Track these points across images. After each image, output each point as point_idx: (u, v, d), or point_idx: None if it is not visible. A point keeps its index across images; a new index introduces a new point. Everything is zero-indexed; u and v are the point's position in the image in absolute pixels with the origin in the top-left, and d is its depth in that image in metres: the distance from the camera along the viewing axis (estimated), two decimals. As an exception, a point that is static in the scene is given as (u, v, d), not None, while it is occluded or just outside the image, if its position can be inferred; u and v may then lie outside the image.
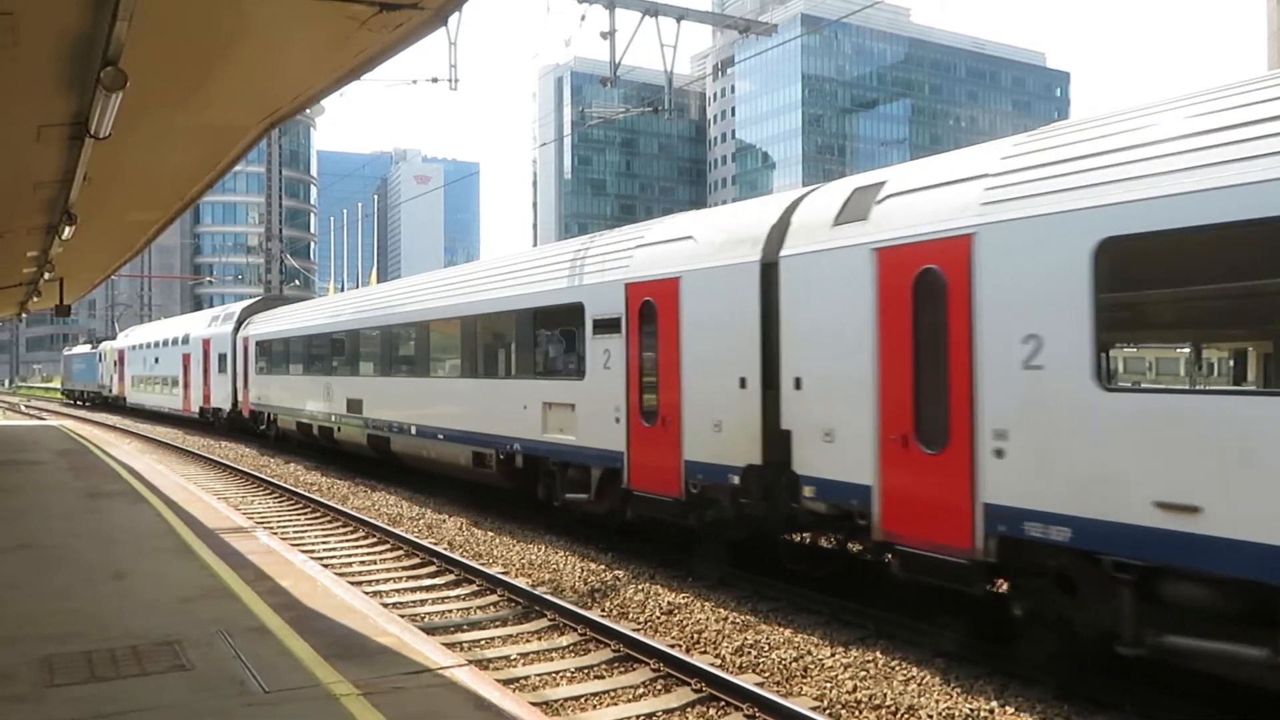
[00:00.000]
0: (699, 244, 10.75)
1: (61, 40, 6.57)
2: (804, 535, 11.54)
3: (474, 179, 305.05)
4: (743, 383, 9.83)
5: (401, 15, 6.40)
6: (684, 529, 11.25)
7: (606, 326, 11.99)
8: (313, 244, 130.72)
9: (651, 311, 11.21)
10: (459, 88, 26.69)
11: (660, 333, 11.04)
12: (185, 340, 35.79)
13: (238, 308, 32.30)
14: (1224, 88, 6.49)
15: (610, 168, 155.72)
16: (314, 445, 24.15)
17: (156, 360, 40.14)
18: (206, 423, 33.63)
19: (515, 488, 14.62)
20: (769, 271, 9.61)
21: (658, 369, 11.08)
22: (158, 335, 41.35)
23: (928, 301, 7.87)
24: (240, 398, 29.52)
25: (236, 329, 30.23)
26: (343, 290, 50.32)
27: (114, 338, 54.45)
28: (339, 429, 21.52)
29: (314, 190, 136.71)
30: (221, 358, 31.19)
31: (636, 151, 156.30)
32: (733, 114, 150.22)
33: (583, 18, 19.30)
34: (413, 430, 17.52)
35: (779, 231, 9.67)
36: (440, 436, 16.42)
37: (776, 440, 9.42)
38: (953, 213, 7.74)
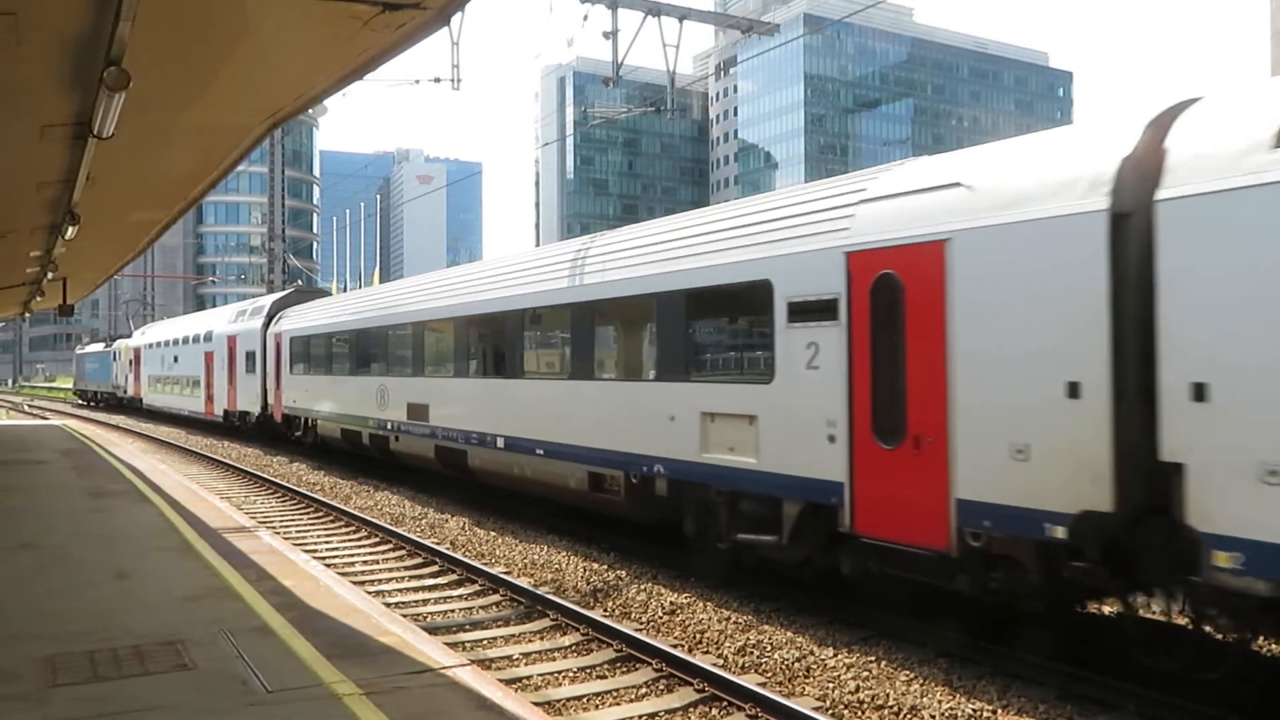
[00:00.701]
0: (978, 193, 7.84)
1: (64, 40, 6.58)
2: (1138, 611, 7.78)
3: (476, 179, 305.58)
4: (1072, 389, 6.96)
5: (404, 15, 6.40)
6: (937, 589, 8.25)
7: (811, 312, 9.09)
8: (315, 244, 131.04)
9: (894, 289, 8.29)
10: (461, 88, 26.86)
11: (910, 318, 8.16)
12: (208, 338, 32.87)
13: (267, 301, 29.25)
14: None
15: (612, 167, 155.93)
16: (363, 456, 21.33)
17: (176, 359, 37.58)
18: (232, 427, 30.56)
19: (651, 520, 11.74)
20: (1121, 224, 6.84)
21: (905, 368, 8.19)
22: (177, 332, 38.56)
23: None
24: (272, 400, 26.76)
25: (267, 324, 27.45)
26: (345, 290, 50.06)
27: (128, 335, 52.07)
28: (397, 438, 18.52)
29: (316, 190, 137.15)
30: (249, 356, 28.45)
31: (639, 151, 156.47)
32: (735, 114, 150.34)
33: (585, 18, 19.36)
34: (499, 443, 14.59)
35: (1140, 165, 6.87)
36: (540, 452, 13.44)
37: (1143, 476, 6.65)
38: None
